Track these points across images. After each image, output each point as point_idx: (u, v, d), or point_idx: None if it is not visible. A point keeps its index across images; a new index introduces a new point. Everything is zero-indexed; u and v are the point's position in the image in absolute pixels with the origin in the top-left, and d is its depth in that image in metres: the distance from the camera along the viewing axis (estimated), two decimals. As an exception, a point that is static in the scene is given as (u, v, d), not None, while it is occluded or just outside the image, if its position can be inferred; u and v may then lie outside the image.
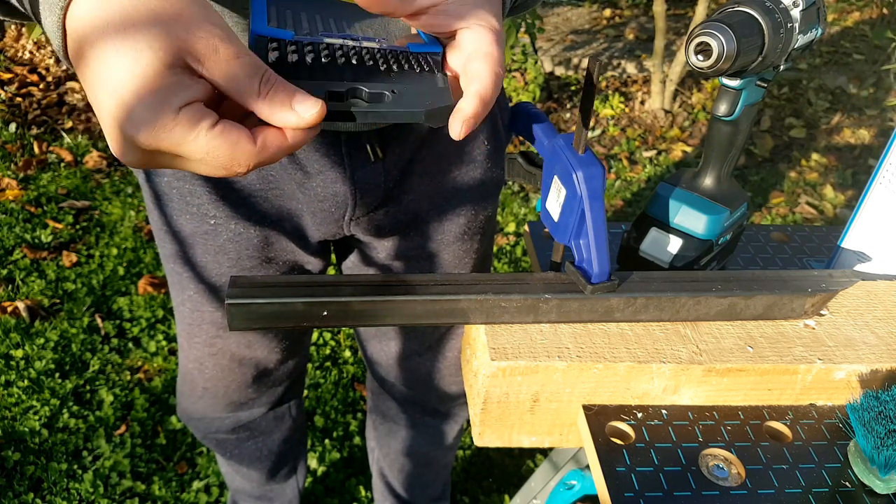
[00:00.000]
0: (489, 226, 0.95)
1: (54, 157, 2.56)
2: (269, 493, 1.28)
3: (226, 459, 1.18)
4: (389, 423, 1.23)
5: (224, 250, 0.83)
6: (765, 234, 0.92)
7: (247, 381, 0.99)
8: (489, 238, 0.97)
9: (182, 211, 0.81)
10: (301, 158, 0.77)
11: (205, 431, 1.09)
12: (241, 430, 1.09)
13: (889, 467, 0.55)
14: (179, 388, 1.05)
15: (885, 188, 0.74)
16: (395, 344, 1.05)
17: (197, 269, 0.85)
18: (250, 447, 1.14)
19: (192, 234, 0.82)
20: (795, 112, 3.10)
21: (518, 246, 2.29)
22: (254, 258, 0.84)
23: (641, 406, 0.63)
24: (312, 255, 0.87)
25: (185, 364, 0.99)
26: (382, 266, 0.93)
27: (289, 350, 1.00)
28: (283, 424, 1.15)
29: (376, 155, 0.78)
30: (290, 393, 1.11)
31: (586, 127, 0.56)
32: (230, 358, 0.94)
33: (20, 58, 3.11)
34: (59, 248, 2.16)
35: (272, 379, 1.03)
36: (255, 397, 1.04)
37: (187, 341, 0.95)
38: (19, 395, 1.69)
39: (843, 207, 2.55)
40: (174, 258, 0.86)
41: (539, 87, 2.96)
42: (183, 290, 0.89)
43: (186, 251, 0.84)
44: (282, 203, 0.80)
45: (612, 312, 0.63)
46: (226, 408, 1.03)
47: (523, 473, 1.61)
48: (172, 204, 0.81)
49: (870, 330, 0.67)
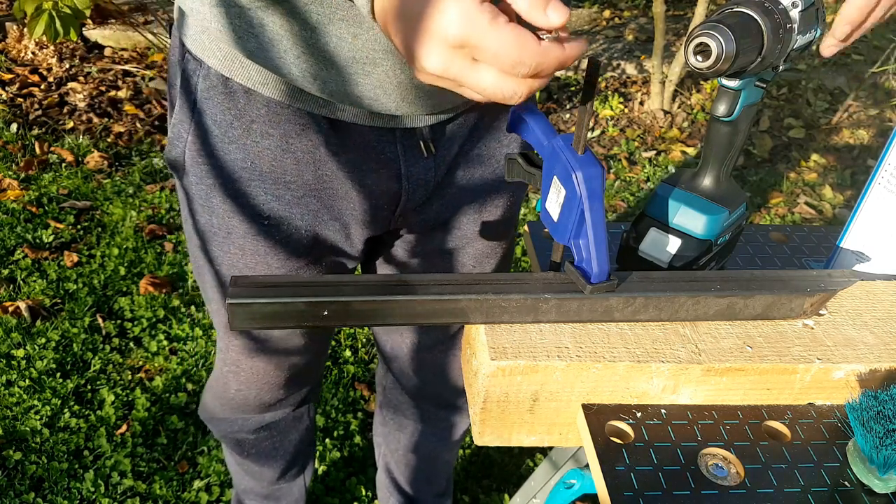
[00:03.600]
0: (516, 219, 0.97)
1: (55, 157, 2.57)
2: (278, 492, 1.29)
3: (241, 458, 1.18)
4: (400, 417, 1.24)
5: (275, 251, 0.82)
6: (764, 235, 0.92)
7: (280, 382, 1.00)
8: (514, 232, 1.00)
9: (234, 212, 0.79)
10: (355, 157, 0.77)
11: (226, 431, 1.09)
12: (262, 430, 1.10)
13: (888, 467, 0.55)
14: (211, 389, 1.05)
15: (883, 188, 0.74)
16: (410, 338, 1.07)
17: (244, 272, 0.84)
18: (267, 447, 1.15)
19: (243, 235, 0.81)
20: (794, 113, 3.11)
21: (518, 246, 2.29)
22: (302, 258, 0.83)
23: (641, 405, 0.63)
24: (356, 253, 0.87)
25: (221, 367, 0.99)
26: (419, 257, 0.93)
27: (319, 351, 1.01)
28: (300, 424, 1.17)
29: (429, 150, 0.79)
30: (312, 394, 1.13)
31: (586, 127, 0.56)
32: (267, 361, 0.95)
33: (22, 58, 3.11)
34: (60, 248, 2.16)
35: (300, 380, 1.04)
36: (283, 398, 1.05)
37: (227, 345, 0.95)
38: (20, 395, 1.69)
39: (842, 208, 2.55)
40: (219, 261, 0.85)
41: (539, 87, 2.96)
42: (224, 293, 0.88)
43: (235, 253, 0.83)
44: (334, 203, 0.80)
45: (612, 312, 0.63)
46: (255, 409, 1.04)
47: (523, 472, 1.61)
48: (226, 206, 0.79)
49: (868, 330, 0.67)
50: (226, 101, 0.74)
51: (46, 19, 1.87)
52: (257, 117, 0.74)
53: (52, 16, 1.88)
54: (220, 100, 0.74)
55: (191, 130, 0.77)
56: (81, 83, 3.00)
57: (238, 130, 0.75)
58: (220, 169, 0.77)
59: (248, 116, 0.74)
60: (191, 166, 0.79)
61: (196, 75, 0.75)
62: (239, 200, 0.78)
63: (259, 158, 0.76)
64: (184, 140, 0.78)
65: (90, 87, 2.98)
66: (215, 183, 0.78)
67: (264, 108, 0.74)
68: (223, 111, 0.74)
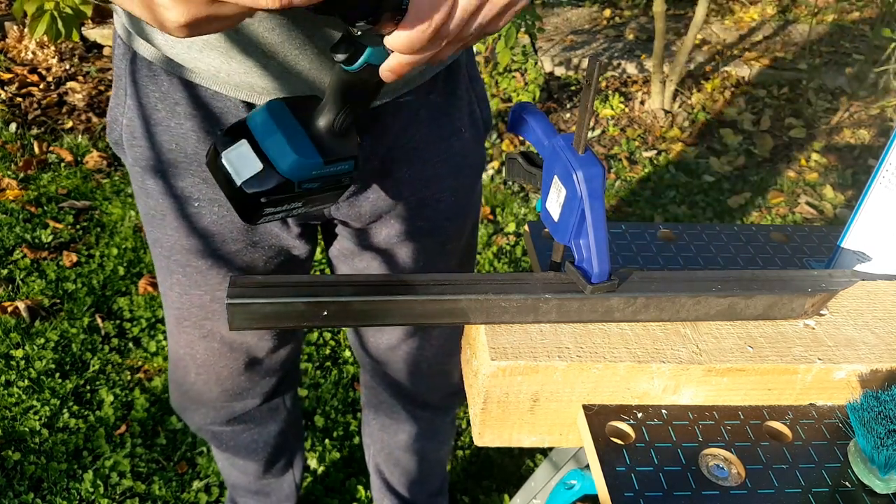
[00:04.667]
0: (471, 214, 0.95)
1: (54, 157, 2.56)
2: (266, 487, 1.28)
3: (221, 451, 1.18)
4: (382, 417, 1.24)
5: (208, 233, 0.83)
6: (765, 234, 0.92)
7: (239, 367, 0.99)
8: (472, 227, 0.98)
9: (166, 194, 0.80)
10: None
11: (200, 423, 1.09)
12: (235, 421, 1.10)
13: (889, 467, 0.55)
14: (171, 376, 1.05)
15: (884, 188, 0.74)
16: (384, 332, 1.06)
17: (183, 253, 0.85)
18: (245, 439, 1.15)
19: (177, 217, 0.82)
20: (795, 112, 3.11)
21: (518, 246, 2.29)
22: (239, 241, 0.84)
23: (641, 406, 0.63)
24: (297, 238, 0.88)
25: (176, 350, 0.99)
26: (368, 251, 0.93)
27: (280, 339, 1.00)
28: (278, 416, 1.16)
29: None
30: (284, 385, 1.12)
31: (586, 127, 0.56)
32: (220, 341, 0.95)
33: (21, 58, 3.11)
34: (59, 248, 2.16)
35: (264, 368, 1.03)
36: (248, 387, 1.04)
37: (177, 327, 0.95)
38: (19, 395, 1.69)
39: (843, 207, 2.55)
40: (160, 243, 0.86)
41: (539, 87, 2.96)
42: (171, 275, 0.89)
43: (171, 235, 0.84)
44: None
45: (612, 312, 0.63)
46: (220, 396, 1.03)
47: (523, 473, 1.61)
48: (157, 188, 0.81)
49: (870, 330, 0.67)
50: (151, 84, 0.75)
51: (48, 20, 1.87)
52: (180, 100, 0.75)
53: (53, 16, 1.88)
54: (145, 82, 0.75)
55: (125, 113, 0.78)
56: (80, 83, 3.00)
57: (162, 112, 0.76)
58: (150, 151, 0.78)
59: (171, 98, 0.75)
60: (128, 149, 0.80)
61: (125, 59, 0.76)
62: (169, 183, 0.79)
63: (184, 140, 0.76)
64: (120, 123, 0.79)
65: (89, 86, 2.98)
66: (147, 165, 0.79)
67: (186, 91, 0.74)
68: (148, 94, 0.75)
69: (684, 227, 0.90)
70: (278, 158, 0.63)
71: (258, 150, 0.63)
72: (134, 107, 0.77)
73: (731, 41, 3.69)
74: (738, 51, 3.58)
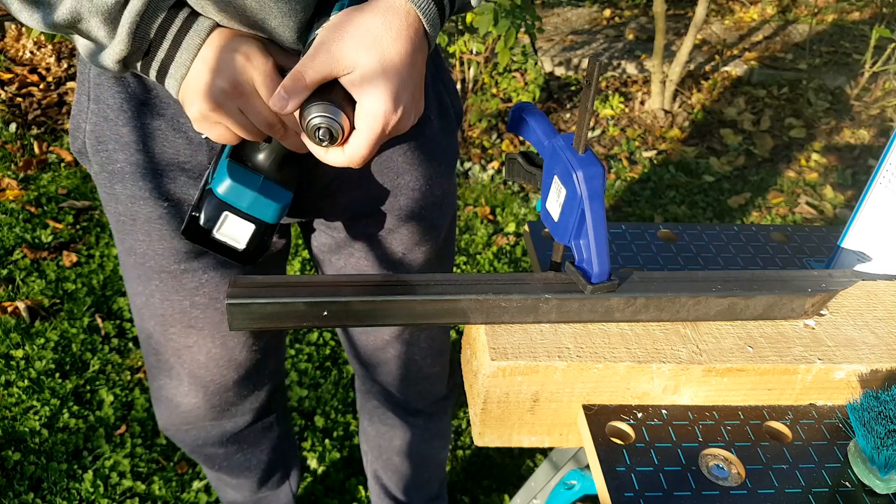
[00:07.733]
0: (447, 203, 0.94)
1: (54, 157, 2.56)
2: (263, 500, 1.28)
3: (214, 472, 1.17)
4: (377, 424, 1.23)
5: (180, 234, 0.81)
6: (764, 235, 0.92)
7: (225, 381, 0.98)
8: (449, 217, 0.97)
9: (135, 198, 0.79)
10: None
11: (192, 444, 1.08)
12: (228, 443, 1.09)
13: (889, 467, 0.55)
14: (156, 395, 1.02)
15: (884, 188, 0.74)
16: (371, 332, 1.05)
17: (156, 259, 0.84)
18: (239, 459, 1.14)
19: (146, 220, 0.81)
20: (795, 112, 3.11)
21: (518, 246, 2.29)
22: None
23: (641, 406, 0.63)
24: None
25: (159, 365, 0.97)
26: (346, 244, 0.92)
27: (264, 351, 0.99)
28: (270, 434, 1.15)
29: None
30: (274, 403, 1.11)
31: (587, 127, 0.56)
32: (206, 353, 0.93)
33: (20, 58, 3.11)
34: (59, 248, 2.16)
35: (252, 382, 1.02)
36: (236, 402, 1.03)
37: (163, 335, 0.93)
38: (19, 395, 1.69)
39: (843, 207, 2.55)
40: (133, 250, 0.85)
41: (539, 87, 2.96)
42: (149, 282, 0.87)
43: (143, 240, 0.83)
44: None
45: (612, 312, 0.63)
46: (208, 413, 1.01)
47: (523, 473, 1.61)
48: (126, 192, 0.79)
49: (870, 330, 0.67)
50: (116, 85, 0.75)
51: (46, 19, 1.87)
52: (147, 99, 0.74)
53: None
54: (110, 84, 0.75)
55: (88, 119, 0.78)
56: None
57: (129, 113, 0.75)
58: (117, 154, 0.78)
59: (138, 98, 0.75)
60: (93, 155, 0.79)
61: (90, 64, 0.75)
62: (138, 185, 0.78)
63: (152, 140, 0.76)
64: (83, 130, 0.79)
65: (90, 86, 2.98)
66: (114, 169, 0.78)
67: (153, 90, 0.74)
68: (114, 94, 0.75)
69: (684, 227, 0.90)
70: (262, 213, 0.71)
71: (241, 214, 0.71)
72: (97, 111, 0.76)
73: (731, 41, 3.69)
74: (738, 51, 3.58)
